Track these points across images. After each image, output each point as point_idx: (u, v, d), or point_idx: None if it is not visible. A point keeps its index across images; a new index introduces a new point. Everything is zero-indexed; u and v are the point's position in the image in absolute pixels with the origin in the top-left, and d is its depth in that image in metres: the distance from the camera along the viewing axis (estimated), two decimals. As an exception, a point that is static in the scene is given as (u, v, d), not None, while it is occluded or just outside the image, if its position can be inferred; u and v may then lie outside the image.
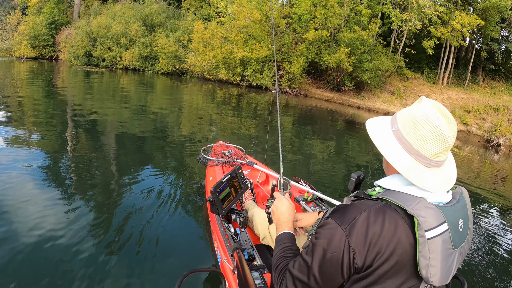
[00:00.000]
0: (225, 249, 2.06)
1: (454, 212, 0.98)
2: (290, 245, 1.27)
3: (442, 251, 0.92)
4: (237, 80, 17.94)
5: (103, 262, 2.51)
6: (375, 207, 0.96)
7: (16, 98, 9.37)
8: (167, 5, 25.38)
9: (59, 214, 3.12)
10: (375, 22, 18.00)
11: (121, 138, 6.20)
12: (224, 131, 7.68)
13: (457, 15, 17.86)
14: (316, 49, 17.47)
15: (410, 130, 0.98)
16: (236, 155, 3.69)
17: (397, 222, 0.93)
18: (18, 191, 3.50)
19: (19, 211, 3.10)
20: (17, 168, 4.08)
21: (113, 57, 22.51)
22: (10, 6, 33.76)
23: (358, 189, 1.30)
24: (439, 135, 0.95)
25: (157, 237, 2.91)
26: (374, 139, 1.06)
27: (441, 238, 0.92)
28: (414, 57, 20.09)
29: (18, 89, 11.40)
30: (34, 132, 5.91)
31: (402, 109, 1.07)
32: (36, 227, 2.86)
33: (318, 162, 6.26)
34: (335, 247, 0.95)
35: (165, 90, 15.72)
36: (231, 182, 2.30)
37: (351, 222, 0.95)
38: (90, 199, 3.53)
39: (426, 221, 0.90)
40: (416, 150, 0.98)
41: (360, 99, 17.89)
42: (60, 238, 2.74)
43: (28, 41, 26.61)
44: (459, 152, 10.12)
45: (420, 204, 0.93)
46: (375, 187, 1.07)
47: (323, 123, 11.46)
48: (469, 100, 17.46)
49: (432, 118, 0.95)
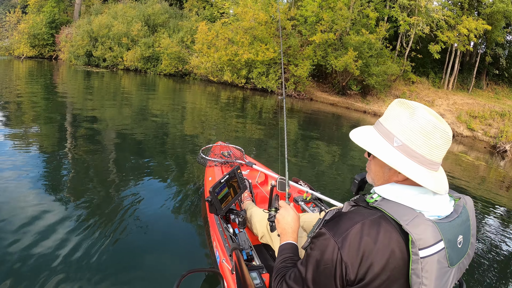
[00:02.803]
0: (223, 249, 2.05)
1: (453, 228, 0.95)
2: (292, 255, 1.27)
3: (437, 270, 0.90)
4: (241, 83, 17.62)
5: (101, 262, 2.48)
6: (369, 219, 0.94)
7: (14, 98, 9.14)
8: (169, 6, 25.08)
9: (57, 214, 3.08)
10: (383, 26, 17.79)
11: (120, 139, 6.07)
12: (228, 134, 7.45)
13: (463, 20, 17.71)
14: (322, 52, 17.22)
15: (421, 142, 0.95)
16: (235, 155, 3.68)
17: (391, 236, 0.91)
18: (15, 191, 3.45)
19: (16, 210, 3.06)
20: (15, 168, 4.01)
21: (114, 57, 22.14)
22: (10, 5, 33.38)
23: (362, 190, 1.28)
24: (446, 137, 0.95)
25: (156, 237, 2.90)
26: (391, 162, 0.97)
27: (436, 257, 0.89)
28: (420, 61, 19.91)
29: (17, 89, 11.16)
30: (32, 133, 5.81)
31: (387, 118, 1.02)
32: (33, 227, 2.81)
33: (323, 166, 6.13)
34: (327, 260, 0.94)
35: (168, 91, 15.40)
36: (230, 182, 2.31)
37: (344, 234, 0.93)
38: (88, 200, 3.48)
39: (421, 240, 0.87)
40: (429, 160, 0.96)
41: (365, 103, 17.65)
42: (57, 238, 2.69)
43: (27, 40, 26.22)
44: (465, 158, 9.90)
45: (416, 219, 0.90)
46: (373, 194, 1.04)
47: (328, 127, 11.20)
48: (475, 105, 17.27)
49: (438, 123, 0.93)
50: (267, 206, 2.68)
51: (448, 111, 17.12)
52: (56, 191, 3.56)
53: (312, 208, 2.64)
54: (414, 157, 0.96)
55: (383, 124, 1.03)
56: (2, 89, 10.74)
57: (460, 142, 13.62)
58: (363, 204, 1.03)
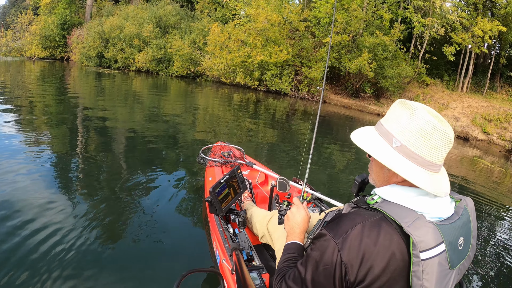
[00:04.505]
0: (223, 250, 2.05)
1: (454, 230, 0.95)
2: (296, 255, 1.25)
3: (438, 272, 0.89)
4: (254, 85, 17.53)
5: (100, 261, 2.47)
6: (370, 220, 0.93)
7: (27, 99, 9.21)
8: (180, 7, 25.08)
9: (54, 214, 3.07)
10: (397, 27, 17.59)
11: (127, 141, 6.09)
12: (240, 138, 7.33)
13: (478, 21, 17.47)
14: (336, 54, 17.07)
15: (420, 143, 0.94)
16: (236, 155, 3.68)
17: (392, 238, 0.90)
18: (26, 189, 3.50)
19: (25, 208, 3.11)
20: (27, 166, 4.10)
21: (125, 59, 22.21)
22: (22, 6, 33.68)
23: (362, 191, 1.28)
24: (447, 139, 0.93)
25: (156, 237, 2.88)
26: (388, 163, 0.96)
27: (437, 259, 0.89)
28: (433, 63, 19.68)
29: (29, 89, 11.24)
30: (44, 133, 5.93)
31: (388, 118, 1.02)
32: (34, 223, 2.86)
33: (336, 169, 6.03)
34: (327, 261, 0.94)
35: (179, 93, 15.36)
36: (230, 182, 2.31)
37: (344, 235, 0.93)
38: (89, 199, 3.49)
39: (422, 241, 0.87)
40: (429, 161, 0.95)
41: (379, 106, 17.46)
42: (56, 237, 2.68)
43: (39, 41, 26.46)
44: (481, 163, 9.66)
45: (418, 221, 0.89)
46: (373, 196, 1.03)
47: (341, 130, 11.01)
48: (489, 108, 16.99)
49: (437, 124, 0.92)
50: (267, 206, 2.76)
51: (463, 114, 16.87)
52: (54, 191, 3.59)
53: (312, 208, 2.63)
54: (412, 158, 0.95)
55: (384, 125, 1.03)
56: (16, 89, 10.82)
57: (475, 146, 13.38)
58: (363, 206, 1.02)
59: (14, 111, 7.43)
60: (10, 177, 3.70)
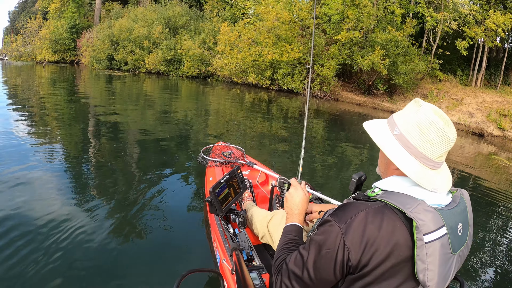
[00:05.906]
0: (224, 250, 2.06)
1: (453, 216, 0.98)
2: (296, 238, 1.26)
3: (440, 256, 0.91)
4: (266, 84, 17.43)
5: (101, 261, 2.50)
6: (373, 207, 0.96)
7: (39, 103, 9.32)
8: (189, 7, 25.08)
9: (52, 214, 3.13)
10: (409, 22, 17.36)
11: (138, 142, 6.17)
12: (253, 139, 7.20)
13: (491, 15, 17.17)
14: (348, 51, 16.90)
15: (415, 134, 0.98)
16: (236, 155, 3.71)
17: (395, 224, 0.92)
18: (38, 189, 3.61)
19: (38, 207, 3.20)
20: (40, 167, 4.23)
21: (135, 61, 22.28)
22: (31, 11, 33.99)
23: (359, 190, 1.29)
24: (443, 136, 0.96)
25: (156, 237, 2.91)
26: (382, 145, 1.05)
27: (439, 242, 0.91)
28: (446, 58, 19.41)
29: (40, 93, 11.37)
30: (57, 134, 6.09)
31: (398, 112, 1.08)
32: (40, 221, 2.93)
33: (350, 169, 5.93)
34: (330, 244, 0.96)
35: (191, 94, 15.34)
36: (230, 182, 2.32)
37: (349, 221, 0.95)
38: (88, 199, 3.53)
39: (424, 225, 0.89)
40: (422, 153, 0.98)
41: (392, 103, 17.25)
42: (56, 237, 2.72)
43: (49, 46, 26.67)
44: (497, 160, 9.39)
45: (419, 207, 0.92)
46: (374, 189, 1.06)
47: (354, 129, 10.76)
48: (504, 103, 16.65)
49: (436, 121, 0.96)
50: (267, 206, 2.77)
51: (478, 110, 16.58)
52: (57, 191, 3.65)
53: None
54: (407, 147, 1.00)
55: (393, 116, 1.09)
56: (27, 93, 10.94)
57: (490, 142, 13.10)
58: (364, 199, 1.04)
59: (27, 114, 7.55)
60: (23, 176, 3.85)
